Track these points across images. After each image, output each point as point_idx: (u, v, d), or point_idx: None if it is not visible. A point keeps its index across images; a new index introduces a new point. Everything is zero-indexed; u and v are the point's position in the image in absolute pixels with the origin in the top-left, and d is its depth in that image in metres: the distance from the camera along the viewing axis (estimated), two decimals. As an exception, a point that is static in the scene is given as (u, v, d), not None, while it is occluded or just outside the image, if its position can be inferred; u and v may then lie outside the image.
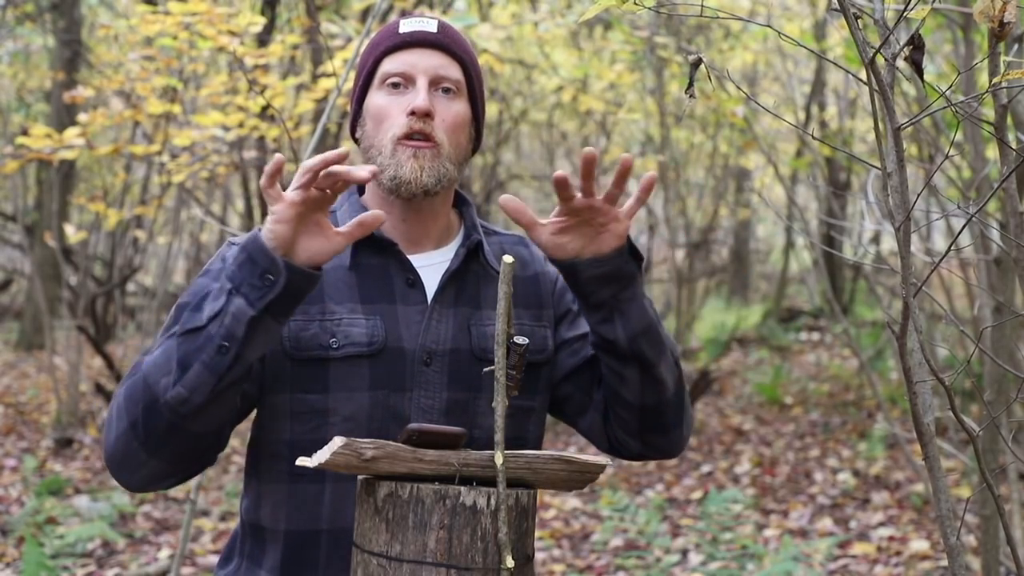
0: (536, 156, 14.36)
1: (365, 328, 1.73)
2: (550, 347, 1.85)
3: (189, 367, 1.55)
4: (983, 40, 3.59)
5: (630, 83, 7.82)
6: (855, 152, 8.57)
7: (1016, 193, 1.85)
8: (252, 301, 1.54)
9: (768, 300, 14.38)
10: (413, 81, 1.76)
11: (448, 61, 1.78)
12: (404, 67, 1.76)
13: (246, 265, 1.55)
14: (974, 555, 4.50)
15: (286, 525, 1.74)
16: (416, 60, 1.76)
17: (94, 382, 8.09)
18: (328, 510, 1.72)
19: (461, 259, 1.80)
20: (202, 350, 1.55)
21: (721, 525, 5.03)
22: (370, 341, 1.73)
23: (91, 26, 11.03)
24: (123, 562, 5.24)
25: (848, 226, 5.88)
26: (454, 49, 1.79)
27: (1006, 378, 3.44)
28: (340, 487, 1.71)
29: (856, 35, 1.46)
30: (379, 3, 3.35)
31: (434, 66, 1.76)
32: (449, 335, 1.77)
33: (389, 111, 1.75)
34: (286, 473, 1.73)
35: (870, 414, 8.05)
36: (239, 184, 8.65)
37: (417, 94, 1.74)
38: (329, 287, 1.75)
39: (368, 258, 1.78)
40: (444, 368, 1.76)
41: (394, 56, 1.78)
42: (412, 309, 1.77)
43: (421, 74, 1.76)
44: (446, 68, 1.77)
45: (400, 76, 1.76)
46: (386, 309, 1.76)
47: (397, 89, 1.76)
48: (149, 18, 4.75)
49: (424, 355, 1.75)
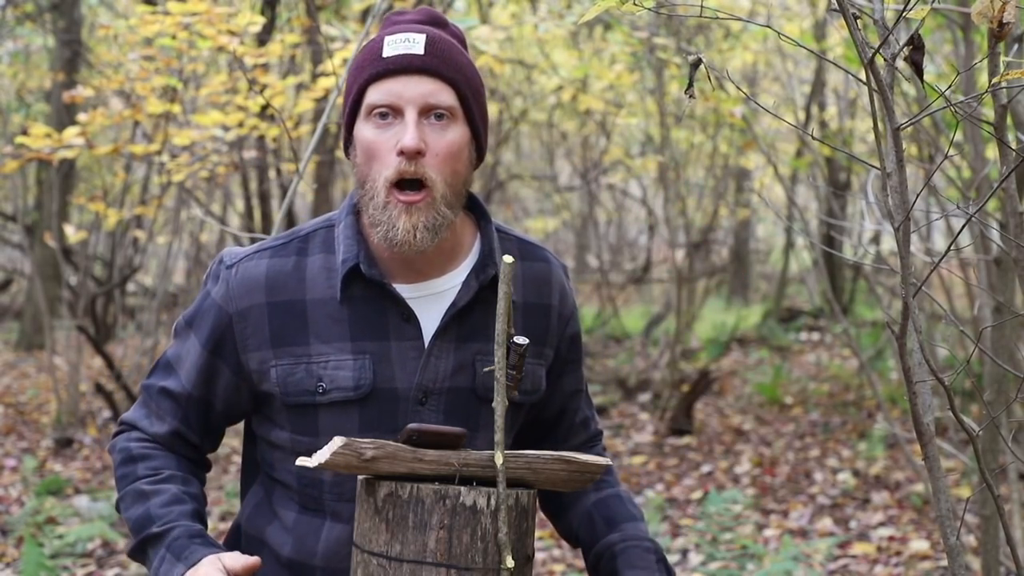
0: (536, 156, 14.36)
1: (352, 371, 1.68)
2: (542, 389, 1.79)
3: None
4: (983, 40, 3.59)
5: (630, 83, 7.82)
6: (855, 152, 8.57)
7: (1016, 193, 1.85)
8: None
9: (768, 300, 14.37)
10: (401, 112, 1.64)
11: (438, 86, 1.65)
12: (390, 98, 1.64)
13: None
14: (974, 555, 4.50)
15: (288, 552, 1.76)
16: (402, 89, 1.63)
17: (94, 382, 8.08)
18: (324, 549, 1.73)
19: (472, 293, 1.71)
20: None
21: (721, 525, 5.03)
22: (357, 385, 1.68)
23: (91, 26, 11.03)
24: (123, 562, 5.23)
25: (848, 226, 5.88)
26: (443, 72, 1.65)
27: (1006, 378, 3.43)
28: (338, 529, 1.72)
29: (855, 35, 1.46)
30: (379, 3, 3.35)
31: (422, 94, 1.63)
32: (448, 372, 1.71)
33: (378, 148, 1.64)
34: (296, 504, 1.76)
35: (870, 414, 8.05)
36: (239, 184, 8.65)
37: (406, 129, 1.62)
38: (316, 324, 1.69)
39: (360, 290, 1.70)
40: (440, 407, 1.71)
41: (379, 85, 1.65)
42: (407, 345, 1.70)
43: (409, 105, 1.63)
44: (436, 95, 1.64)
45: (387, 107, 1.64)
46: (376, 348, 1.69)
47: (385, 120, 1.65)
48: (148, 18, 4.75)
49: (420, 395, 1.70)
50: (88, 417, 8.09)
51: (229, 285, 1.73)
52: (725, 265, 15.95)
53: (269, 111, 5.48)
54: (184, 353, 1.77)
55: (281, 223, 3.18)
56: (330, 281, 1.70)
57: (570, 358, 1.84)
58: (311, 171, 7.76)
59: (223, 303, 1.73)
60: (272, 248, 1.75)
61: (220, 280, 1.74)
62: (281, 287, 1.71)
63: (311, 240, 1.75)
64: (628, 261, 17.75)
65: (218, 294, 1.74)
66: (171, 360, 1.78)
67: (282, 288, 1.71)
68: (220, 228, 7.01)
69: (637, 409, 8.50)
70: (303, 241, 1.75)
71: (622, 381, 9.08)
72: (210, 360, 1.74)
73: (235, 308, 1.72)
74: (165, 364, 1.79)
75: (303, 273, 1.72)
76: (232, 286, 1.72)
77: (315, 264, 1.72)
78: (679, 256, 9.37)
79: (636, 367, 9.84)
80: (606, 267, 13.24)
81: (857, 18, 1.49)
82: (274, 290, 1.71)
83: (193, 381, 1.75)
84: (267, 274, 1.72)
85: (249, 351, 1.71)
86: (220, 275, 1.74)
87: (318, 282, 1.71)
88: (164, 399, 1.77)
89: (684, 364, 9.37)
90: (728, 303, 15.06)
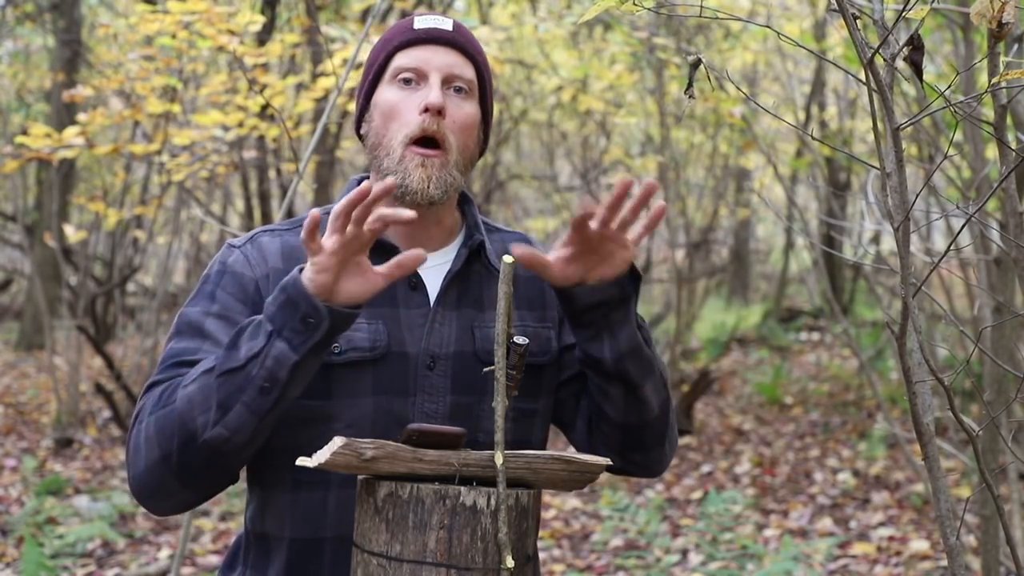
0: (536, 156, 14.36)
1: (367, 333, 1.71)
2: (554, 348, 1.82)
3: (230, 408, 1.55)
4: (983, 40, 3.59)
5: (629, 83, 7.82)
6: (855, 152, 8.57)
7: (1016, 193, 1.85)
8: (295, 346, 1.53)
9: (768, 300, 14.38)
10: (426, 78, 1.73)
11: (462, 60, 1.75)
12: (418, 63, 1.73)
13: (287, 308, 1.53)
14: (974, 555, 4.50)
15: (290, 533, 1.73)
16: (430, 56, 1.73)
17: (94, 382, 8.08)
18: (332, 518, 1.71)
19: (463, 260, 1.78)
20: (243, 391, 1.54)
21: (721, 525, 5.03)
22: (372, 346, 1.71)
23: (91, 26, 11.03)
24: (123, 562, 5.24)
25: (848, 226, 5.88)
26: (468, 49, 1.76)
27: (1006, 378, 3.44)
28: (343, 494, 1.70)
29: (855, 35, 1.46)
30: (379, 3, 3.35)
31: (448, 64, 1.73)
32: (452, 338, 1.75)
33: (400, 108, 1.72)
34: (289, 481, 1.72)
35: (870, 414, 8.05)
36: (239, 184, 8.65)
37: (430, 90, 1.71)
38: None
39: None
40: (448, 372, 1.74)
41: (408, 51, 1.74)
42: (415, 312, 1.75)
43: (435, 71, 1.73)
44: (460, 67, 1.74)
45: (413, 72, 1.73)
46: (388, 313, 1.73)
47: (409, 85, 1.73)
48: (148, 17, 4.75)
49: (428, 359, 1.73)
50: (88, 417, 8.10)
51: (248, 256, 1.74)
52: (725, 265, 15.96)
53: (269, 111, 5.49)
54: (208, 332, 1.68)
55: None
56: None
57: None
58: (311, 171, 7.76)
59: (244, 271, 1.72)
60: (280, 229, 1.80)
61: (234, 258, 1.73)
62: (296, 259, 1.74)
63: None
64: (628, 261, 17.74)
65: (237, 266, 1.73)
66: (187, 347, 1.68)
67: (297, 260, 1.73)
68: (220, 228, 7.02)
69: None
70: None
71: (622, 381, 9.07)
72: (247, 313, 1.68)
73: (259, 273, 1.72)
74: (180, 351, 1.68)
75: None
76: (251, 256, 1.74)
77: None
78: (679, 256, 9.37)
79: (636, 367, 9.82)
80: (606, 267, 13.21)
81: (857, 18, 1.49)
82: (291, 260, 1.74)
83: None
84: (282, 247, 1.76)
85: None
86: (233, 255, 1.74)
87: None
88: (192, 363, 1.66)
89: (684, 364, 9.37)
90: (728, 303, 15.07)
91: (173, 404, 1.59)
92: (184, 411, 1.57)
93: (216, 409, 1.55)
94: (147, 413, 1.62)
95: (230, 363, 1.55)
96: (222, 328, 1.67)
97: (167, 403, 1.60)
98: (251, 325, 1.56)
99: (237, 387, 1.54)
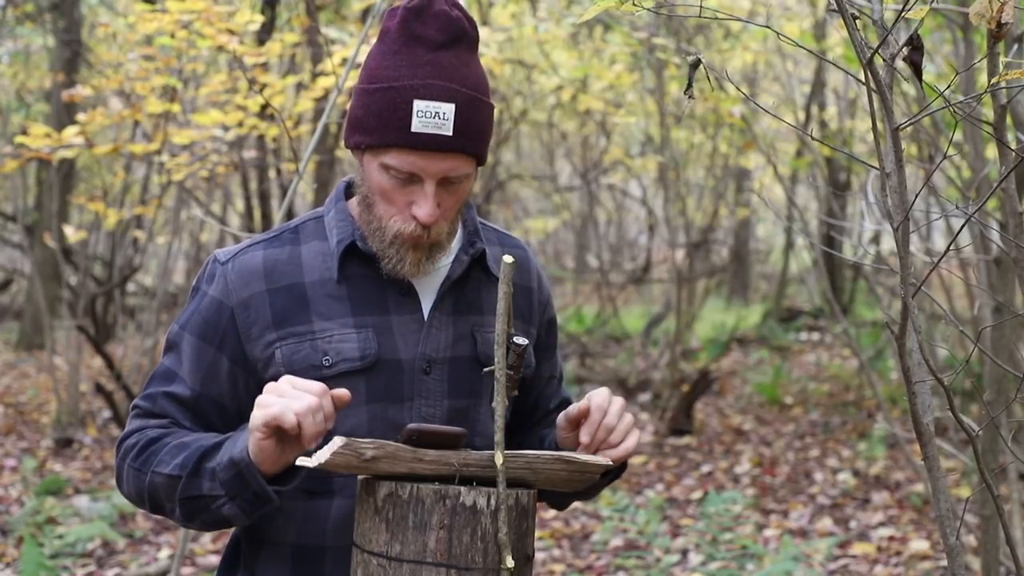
0: (536, 156, 14.36)
1: (356, 343, 1.71)
2: (532, 364, 1.84)
3: (194, 519, 1.67)
4: (982, 40, 3.59)
5: (629, 83, 7.82)
6: (855, 152, 8.56)
7: (1015, 193, 1.85)
8: (247, 511, 1.62)
9: (768, 300, 14.38)
10: (420, 179, 1.67)
11: (461, 162, 1.67)
12: (412, 168, 1.65)
13: (237, 482, 1.59)
14: (974, 555, 4.50)
15: (295, 539, 1.74)
16: (426, 165, 1.65)
17: (94, 382, 8.08)
18: (333, 526, 1.72)
19: (464, 267, 1.77)
20: (203, 511, 1.64)
21: (721, 525, 5.03)
22: (363, 355, 1.71)
23: (91, 26, 11.03)
24: (123, 562, 5.23)
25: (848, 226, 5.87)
26: (468, 149, 1.66)
27: (1006, 378, 3.44)
28: (347, 504, 1.71)
29: (854, 36, 1.46)
30: (379, 3, 3.35)
31: (444, 170, 1.65)
32: (449, 343, 1.76)
33: (392, 198, 1.68)
34: (292, 489, 1.72)
35: (870, 414, 8.05)
36: (239, 184, 8.65)
37: (424, 201, 1.66)
38: (317, 303, 1.73)
39: (357, 269, 1.75)
40: (444, 376, 1.75)
41: (402, 155, 1.65)
42: (407, 318, 1.75)
43: (429, 178, 1.66)
44: (457, 169, 1.66)
45: (406, 175, 1.66)
46: (378, 321, 1.73)
47: (401, 177, 1.67)
48: (147, 16, 4.75)
49: (424, 364, 1.74)
50: (88, 417, 8.09)
51: (228, 279, 1.75)
52: (725, 265, 15.96)
53: (269, 111, 5.48)
54: (184, 358, 1.75)
55: (281, 223, 3.18)
56: (326, 264, 1.75)
57: (548, 343, 1.91)
58: (311, 171, 7.77)
59: (223, 298, 1.74)
60: (265, 240, 1.80)
61: (217, 277, 1.76)
62: (279, 274, 1.75)
63: (302, 231, 1.80)
64: (628, 261, 17.77)
65: (216, 290, 1.75)
66: (170, 368, 1.76)
67: (280, 275, 1.74)
68: (220, 228, 7.01)
69: (637, 409, 8.51)
70: (294, 232, 1.80)
71: (622, 381, 9.08)
72: (215, 357, 1.74)
73: (236, 300, 1.74)
74: (164, 373, 1.77)
75: (299, 260, 1.76)
76: (231, 279, 1.75)
77: (309, 250, 1.77)
78: (679, 256, 9.37)
79: (636, 367, 9.84)
80: (606, 267, 13.25)
81: (856, 18, 1.49)
82: (272, 277, 1.74)
83: (200, 380, 1.74)
84: (264, 263, 1.76)
85: (253, 339, 1.73)
86: (216, 272, 1.76)
87: (314, 266, 1.75)
88: (168, 403, 1.75)
89: (684, 364, 9.37)
90: (728, 303, 15.07)
91: (146, 477, 1.68)
92: (153, 494, 1.69)
93: (180, 513, 1.67)
94: (129, 452, 1.71)
95: (192, 490, 1.64)
96: (193, 359, 1.75)
97: (141, 468, 1.69)
98: (216, 456, 1.63)
99: (200, 508, 1.65)
